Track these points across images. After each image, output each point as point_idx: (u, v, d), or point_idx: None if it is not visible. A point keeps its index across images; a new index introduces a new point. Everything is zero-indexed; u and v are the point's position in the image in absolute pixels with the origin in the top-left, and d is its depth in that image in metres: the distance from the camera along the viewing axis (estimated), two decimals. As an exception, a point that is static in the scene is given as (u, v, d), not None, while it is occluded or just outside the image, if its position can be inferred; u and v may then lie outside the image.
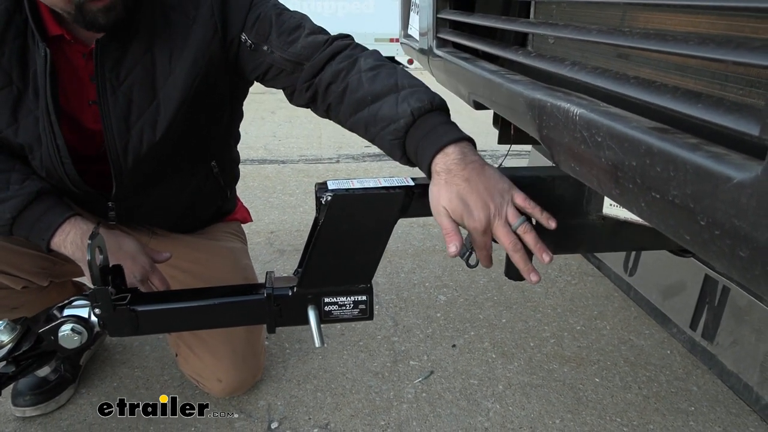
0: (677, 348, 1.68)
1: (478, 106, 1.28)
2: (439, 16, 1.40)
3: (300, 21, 1.11)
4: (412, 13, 1.98)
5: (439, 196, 0.85)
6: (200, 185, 1.35)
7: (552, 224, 0.85)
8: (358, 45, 1.10)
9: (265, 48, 1.09)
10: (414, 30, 1.87)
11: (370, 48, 1.09)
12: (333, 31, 1.14)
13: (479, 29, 1.26)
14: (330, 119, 1.10)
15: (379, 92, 0.95)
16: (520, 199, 0.85)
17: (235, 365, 1.37)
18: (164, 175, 1.24)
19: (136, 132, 1.11)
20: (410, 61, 8.15)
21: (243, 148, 3.99)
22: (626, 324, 1.82)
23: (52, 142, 1.08)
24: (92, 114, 1.12)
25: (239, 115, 1.38)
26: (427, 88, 0.96)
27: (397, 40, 2.26)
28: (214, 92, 1.17)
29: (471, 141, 0.89)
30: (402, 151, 0.93)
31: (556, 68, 0.78)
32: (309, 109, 1.13)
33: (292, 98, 1.13)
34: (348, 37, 1.10)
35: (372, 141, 0.98)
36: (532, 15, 1.11)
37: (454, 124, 0.90)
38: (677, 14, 0.69)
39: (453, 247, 0.84)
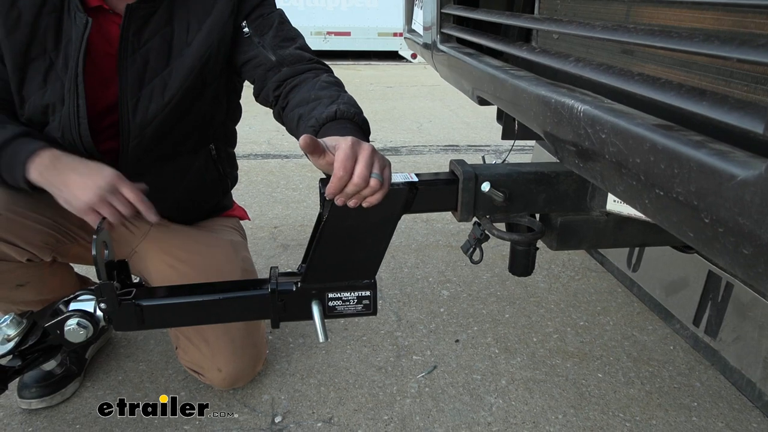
0: (680, 344, 1.69)
1: (482, 101, 1.28)
2: (443, 11, 1.40)
3: (295, 36, 1.27)
4: (416, 8, 1.98)
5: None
6: (201, 170, 1.40)
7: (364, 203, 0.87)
8: (331, 72, 1.25)
9: (258, 41, 1.23)
10: (418, 25, 1.86)
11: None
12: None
13: (483, 24, 1.26)
14: (280, 121, 1.22)
15: (321, 96, 1.10)
16: (388, 171, 0.88)
17: (233, 354, 1.37)
18: (168, 150, 1.30)
19: (147, 92, 1.20)
20: (414, 56, 8.14)
21: (247, 143, 3.99)
22: (629, 320, 1.82)
23: (74, 101, 1.16)
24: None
25: (237, 108, 1.46)
26: (360, 109, 1.08)
27: (401, 35, 2.26)
28: (219, 72, 1.26)
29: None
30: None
31: (561, 64, 0.78)
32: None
33: (260, 93, 1.25)
34: (328, 66, 1.26)
35: (298, 134, 1.07)
36: (536, 10, 1.11)
37: (363, 136, 1.02)
38: (682, 10, 0.68)
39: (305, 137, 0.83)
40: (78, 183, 1.07)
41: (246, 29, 1.23)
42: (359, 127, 1.04)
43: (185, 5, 1.21)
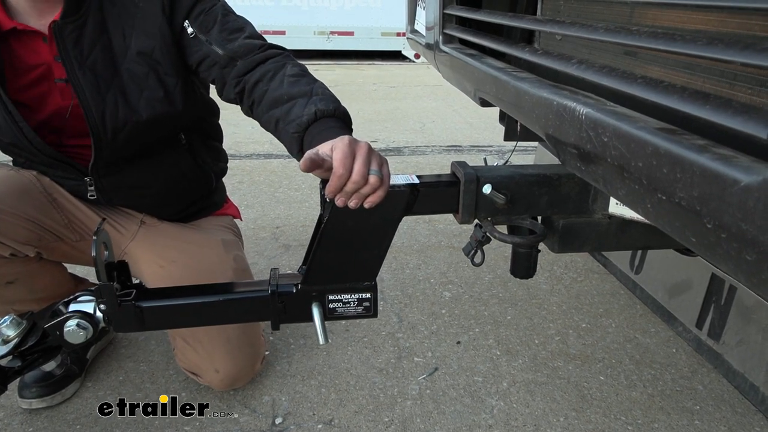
0: (683, 346, 1.68)
1: (484, 102, 1.27)
2: (445, 11, 1.39)
3: (242, 25, 1.23)
4: (418, 8, 1.97)
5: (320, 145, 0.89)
6: (176, 160, 1.40)
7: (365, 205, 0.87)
8: (289, 55, 1.21)
9: (204, 39, 1.20)
10: (420, 25, 1.86)
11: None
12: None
13: (486, 25, 1.25)
14: (252, 117, 1.18)
15: (295, 94, 1.06)
16: (386, 168, 0.89)
17: (230, 354, 1.37)
18: (141, 149, 1.31)
19: (110, 100, 1.20)
20: (417, 56, 8.13)
21: (249, 143, 3.99)
22: (632, 322, 1.81)
23: (3, 108, 1.17)
24: (59, 91, 1.22)
25: (209, 103, 1.47)
26: (337, 99, 1.06)
27: (404, 35, 2.26)
28: (176, 74, 1.25)
29: None
30: (299, 145, 1.01)
31: (563, 66, 0.77)
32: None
33: (222, 92, 1.22)
34: (282, 48, 1.22)
35: (278, 137, 1.08)
36: (539, 12, 1.10)
37: (348, 131, 1.00)
38: (686, 12, 0.68)
39: (304, 159, 0.83)
40: None
41: (190, 29, 1.21)
42: (342, 121, 1.02)
43: (113, 12, 1.20)
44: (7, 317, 1.00)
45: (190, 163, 1.44)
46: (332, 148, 0.84)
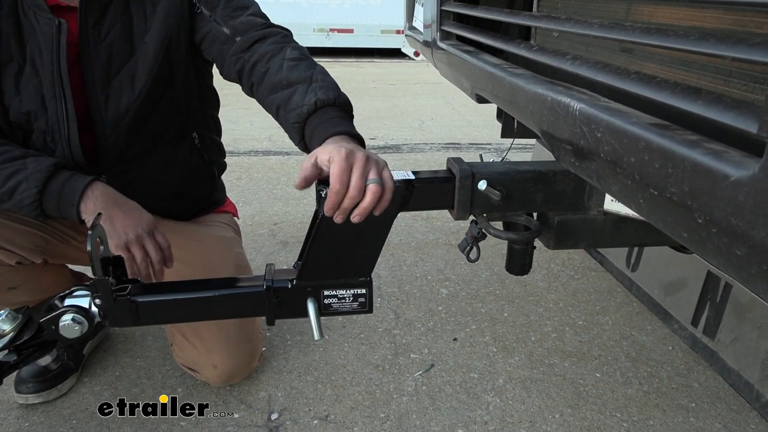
0: (679, 344, 1.68)
1: (481, 99, 1.27)
2: (443, 8, 1.39)
3: (248, 4, 1.22)
4: (417, 5, 1.97)
5: (318, 150, 0.87)
6: (186, 160, 1.39)
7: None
8: (288, 35, 1.20)
9: (209, 15, 1.20)
10: (419, 22, 1.86)
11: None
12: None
13: (483, 22, 1.25)
14: (253, 97, 1.17)
15: (294, 80, 1.05)
16: (387, 172, 0.87)
17: (228, 350, 1.37)
18: (148, 143, 1.29)
19: (116, 84, 1.19)
20: (416, 53, 8.13)
21: (248, 140, 3.98)
22: (628, 319, 1.81)
23: (62, 107, 1.15)
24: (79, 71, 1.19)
25: (211, 93, 1.45)
26: (337, 86, 1.05)
27: (403, 32, 2.25)
28: (185, 56, 1.24)
29: (358, 137, 0.97)
30: (300, 135, 1.01)
31: (558, 63, 0.77)
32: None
33: (223, 70, 1.22)
34: (283, 28, 1.21)
35: (279, 123, 1.09)
36: (535, 8, 1.10)
37: (349, 120, 1.01)
38: (681, 9, 0.68)
39: (299, 181, 0.83)
40: (120, 219, 1.12)
41: (197, 5, 1.20)
42: (343, 110, 1.01)
43: None
44: (2, 311, 1.00)
45: (200, 161, 1.43)
46: (330, 160, 0.83)
